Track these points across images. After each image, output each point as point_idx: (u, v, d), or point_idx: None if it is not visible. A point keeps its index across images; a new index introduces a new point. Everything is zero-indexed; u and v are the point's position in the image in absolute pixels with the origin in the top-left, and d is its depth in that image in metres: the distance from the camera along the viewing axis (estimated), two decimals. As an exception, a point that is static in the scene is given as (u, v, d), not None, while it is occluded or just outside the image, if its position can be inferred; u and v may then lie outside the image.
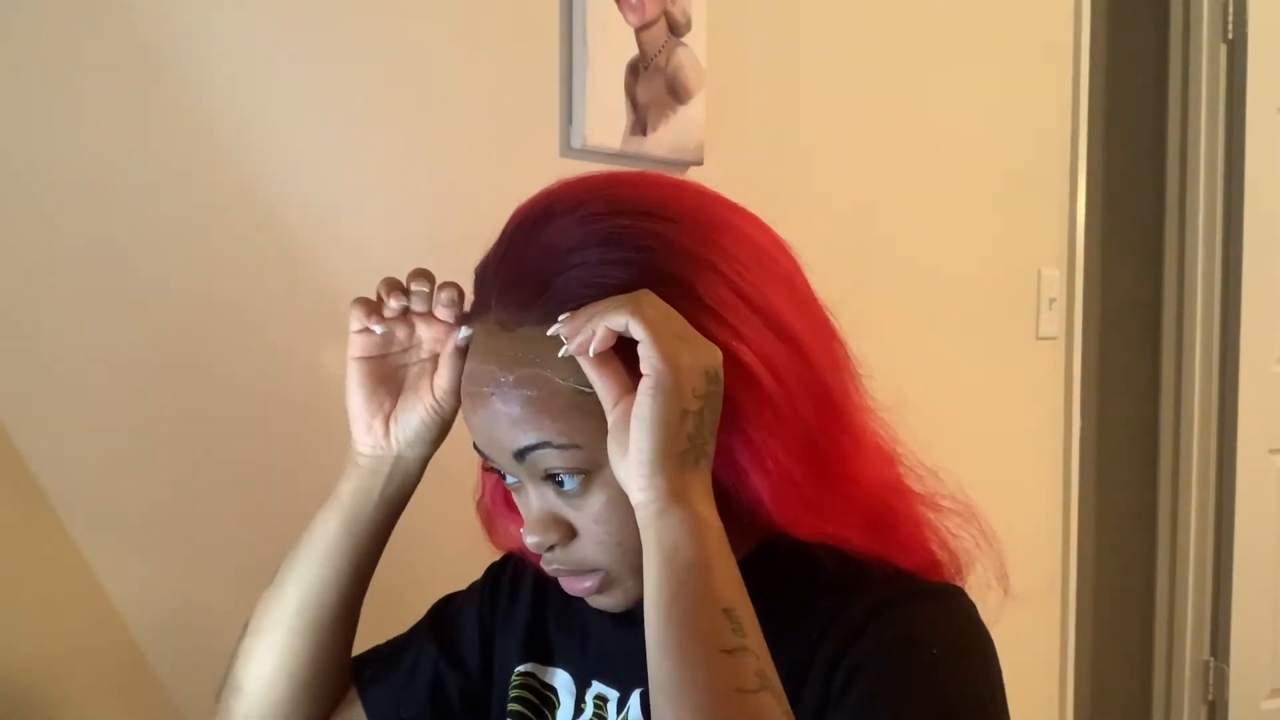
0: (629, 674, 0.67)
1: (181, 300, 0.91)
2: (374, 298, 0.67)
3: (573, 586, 0.63)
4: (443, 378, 0.67)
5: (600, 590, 0.62)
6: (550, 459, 0.58)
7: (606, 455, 0.57)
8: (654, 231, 0.59)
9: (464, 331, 0.63)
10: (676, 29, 1.29)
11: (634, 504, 0.55)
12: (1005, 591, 0.71)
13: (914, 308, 1.72)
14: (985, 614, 0.66)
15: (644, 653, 0.57)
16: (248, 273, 0.96)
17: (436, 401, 0.68)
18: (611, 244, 0.58)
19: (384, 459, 0.70)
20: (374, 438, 0.69)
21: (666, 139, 1.29)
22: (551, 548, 0.61)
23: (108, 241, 0.87)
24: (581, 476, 0.59)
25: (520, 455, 0.59)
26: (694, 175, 1.35)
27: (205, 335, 0.93)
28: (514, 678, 0.73)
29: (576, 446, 0.58)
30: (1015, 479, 2.01)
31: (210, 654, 0.94)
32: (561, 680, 0.72)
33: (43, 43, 0.83)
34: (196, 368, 0.92)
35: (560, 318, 0.57)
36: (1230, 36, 2.38)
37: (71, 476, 0.85)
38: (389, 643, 0.81)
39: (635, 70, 1.24)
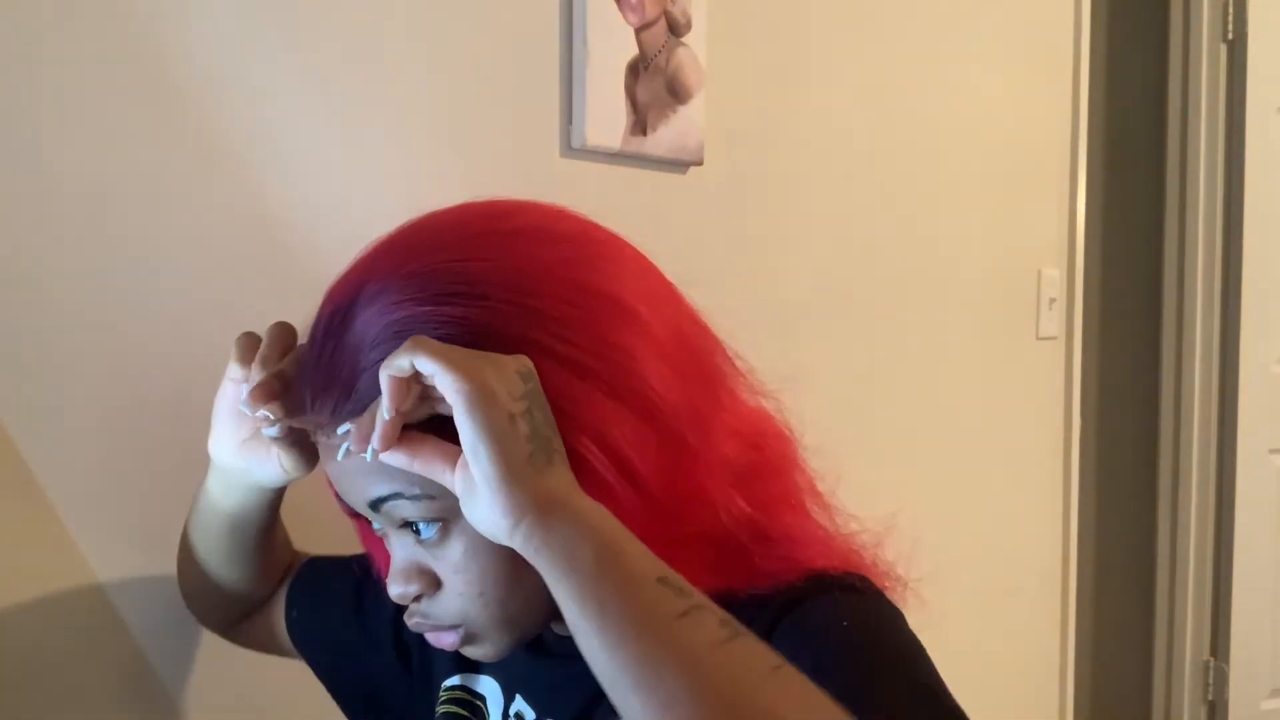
0: (545, 701, 0.67)
1: (181, 300, 0.91)
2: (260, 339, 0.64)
3: (437, 641, 0.60)
4: (282, 455, 0.64)
5: (465, 644, 0.60)
6: (404, 509, 0.56)
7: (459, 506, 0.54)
8: (455, 318, 0.54)
9: (271, 431, 0.61)
10: (676, 29, 1.29)
11: (509, 541, 0.50)
12: (905, 587, 0.66)
13: (914, 307, 1.72)
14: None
15: (562, 685, 0.56)
16: (247, 272, 0.96)
17: (284, 469, 0.66)
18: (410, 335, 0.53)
19: (233, 473, 0.70)
20: (227, 453, 0.69)
21: (666, 139, 1.29)
22: (418, 599, 0.59)
23: (107, 241, 0.87)
24: (439, 524, 0.57)
25: (375, 505, 0.57)
26: (694, 175, 1.35)
27: (205, 335, 0.93)
28: (442, 692, 0.73)
29: (430, 497, 0.55)
30: (1015, 479, 2.01)
31: (210, 654, 0.94)
32: (490, 689, 0.72)
33: (40, 42, 0.83)
34: (197, 367, 0.92)
35: (339, 430, 0.55)
36: (1230, 36, 2.38)
37: (71, 476, 0.85)
38: (330, 572, 0.84)
39: (635, 70, 1.24)
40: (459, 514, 0.54)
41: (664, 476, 0.56)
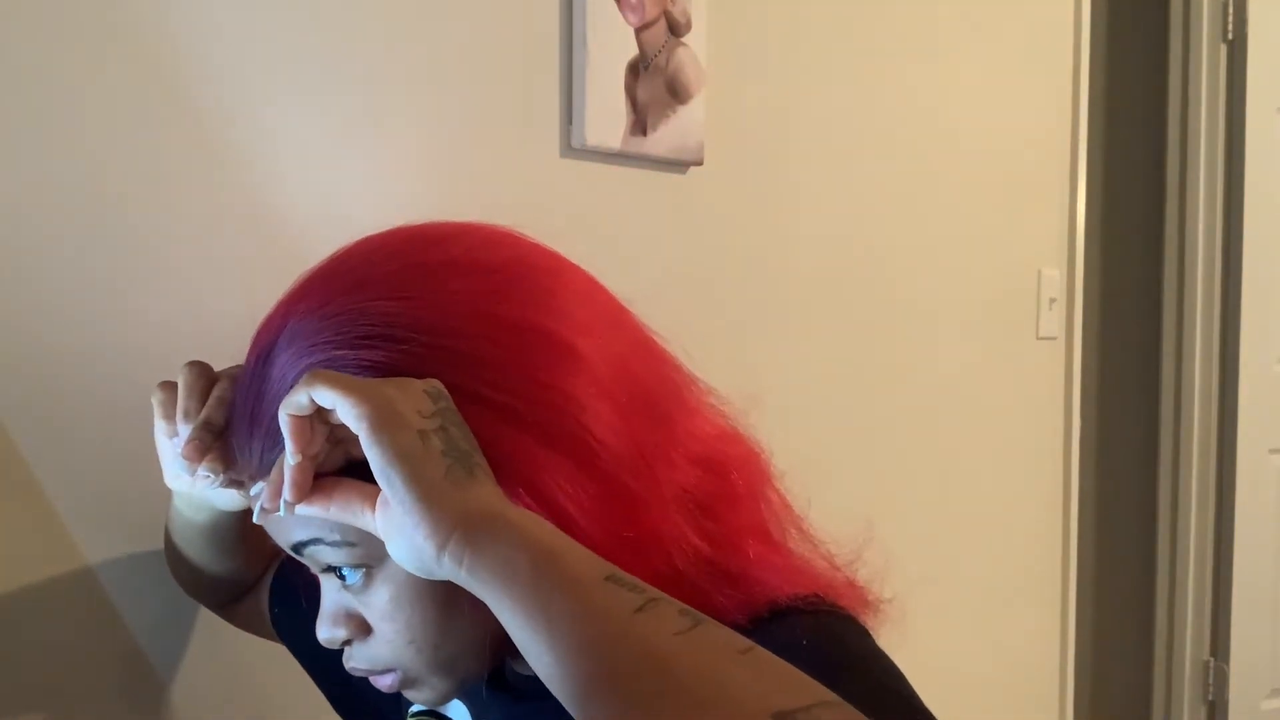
0: None
1: (182, 300, 0.91)
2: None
3: (377, 683, 0.58)
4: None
5: (404, 687, 0.58)
6: (326, 554, 0.54)
7: (385, 550, 0.51)
8: (375, 362, 0.52)
9: (216, 483, 0.59)
10: (676, 29, 1.29)
11: (439, 569, 0.46)
12: (880, 611, 0.62)
13: (914, 308, 1.72)
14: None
15: None
16: (247, 272, 0.96)
17: (243, 495, 0.63)
18: None
19: (196, 498, 0.70)
20: (185, 486, 0.68)
21: (666, 139, 1.29)
22: (348, 643, 0.57)
23: (107, 241, 0.87)
24: (363, 571, 0.54)
25: (297, 550, 0.55)
26: (694, 175, 1.35)
27: (206, 335, 0.93)
28: (410, 717, 0.73)
29: (350, 544, 0.53)
30: (1015, 479, 2.01)
31: (209, 652, 0.94)
32: (458, 711, 0.70)
33: (40, 43, 0.83)
34: (196, 368, 0.92)
35: (251, 491, 0.53)
36: (1230, 36, 2.38)
37: (71, 476, 0.85)
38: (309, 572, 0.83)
39: (635, 70, 1.24)
40: (383, 561, 0.53)
41: (606, 526, 0.53)
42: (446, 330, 0.53)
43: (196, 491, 0.68)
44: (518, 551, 0.45)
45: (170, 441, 0.64)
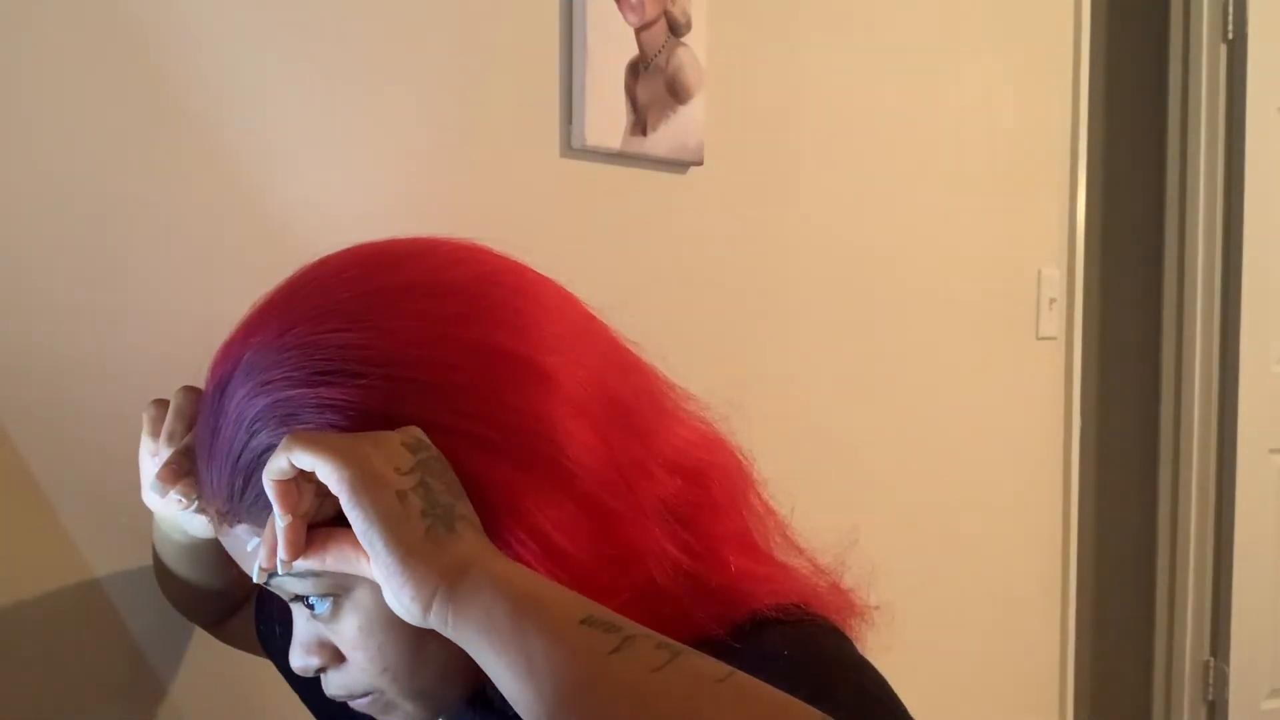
0: None
1: (181, 300, 0.91)
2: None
3: (354, 704, 0.58)
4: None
5: (379, 711, 0.57)
6: (290, 584, 0.53)
7: (352, 579, 0.52)
8: (336, 401, 0.51)
9: (189, 510, 0.59)
10: (676, 29, 1.29)
11: (429, 625, 0.46)
12: (867, 617, 0.62)
13: (914, 307, 1.72)
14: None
15: None
16: (246, 274, 0.95)
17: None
18: (293, 422, 0.51)
19: (173, 519, 0.69)
20: (160, 507, 0.66)
21: (666, 139, 1.29)
22: (323, 670, 0.57)
23: (107, 241, 0.87)
24: (331, 599, 0.54)
25: (264, 580, 0.54)
26: (694, 175, 1.35)
27: (205, 336, 0.93)
28: None
29: (315, 573, 0.52)
30: (1015, 479, 2.01)
31: (210, 653, 0.94)
32: None
33: (41, 45, 0.83)
34: (196, 368, 0.92)
35: (248, 547, 0.53)
36: (1230, 36, 2.38)
37: (71, 476, 0.85)
38: None
39: (635, 70, 1.24)
40: (350, 590, 0.53)
41: (588, 546, 0.52)
42: (407, 360, 0.52)
43: (170, 513, 0.67)
44: (496, 600, 0.45)
45: (152, 460, 0.63)
